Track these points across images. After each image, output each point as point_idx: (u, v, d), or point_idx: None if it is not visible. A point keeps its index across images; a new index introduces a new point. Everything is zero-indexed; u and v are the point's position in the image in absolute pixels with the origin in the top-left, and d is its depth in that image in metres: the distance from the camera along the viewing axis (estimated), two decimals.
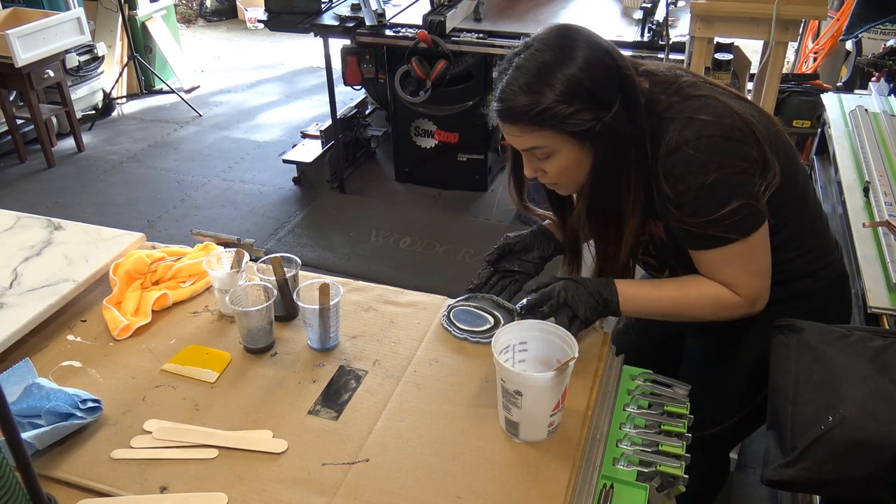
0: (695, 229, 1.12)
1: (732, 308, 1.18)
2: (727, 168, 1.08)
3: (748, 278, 1.16)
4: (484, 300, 1.34)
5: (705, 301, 1.19)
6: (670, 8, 3.15)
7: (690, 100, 1.12)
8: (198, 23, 7.09)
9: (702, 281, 1.19)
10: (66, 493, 1.00)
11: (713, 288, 1.18)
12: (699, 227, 1.11)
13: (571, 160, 1.12)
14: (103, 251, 1.46)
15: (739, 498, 2.13)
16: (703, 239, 1.13)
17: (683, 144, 1.08)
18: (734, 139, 1.09)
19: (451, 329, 1.28)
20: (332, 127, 3.85)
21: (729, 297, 1.17)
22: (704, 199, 1.09)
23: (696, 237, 1.13)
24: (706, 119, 1.09)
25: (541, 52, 1.07)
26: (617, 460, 1.05)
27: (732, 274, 1.16)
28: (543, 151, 1.12)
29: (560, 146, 1.10)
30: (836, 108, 2.40)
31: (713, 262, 1.16)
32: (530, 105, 1.06)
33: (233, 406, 1.14)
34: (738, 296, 1.17)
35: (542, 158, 1.14)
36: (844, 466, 1.09)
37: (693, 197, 1.09)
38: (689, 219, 1.11)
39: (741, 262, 1.15)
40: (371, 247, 3.41)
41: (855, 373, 1.14)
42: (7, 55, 3.73)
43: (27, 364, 1.21)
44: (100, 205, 3.87)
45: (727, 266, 1.15)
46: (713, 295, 1.18)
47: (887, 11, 2.67)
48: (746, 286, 1.16)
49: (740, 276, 1.16)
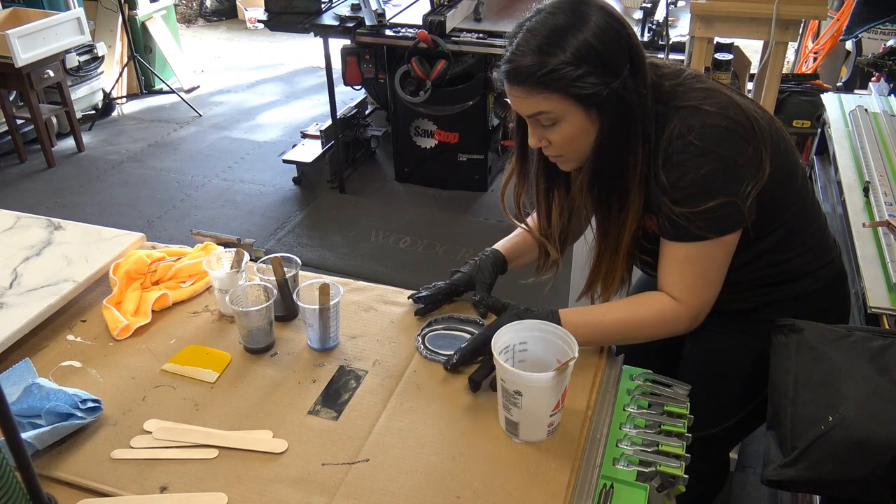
0: (678, 219, 1.11)
1: (675, 322, 1.17)
2: (724, 161, 1.08)
3: (703, 286, 1.16)
4: (449, 320, 1.32)
5: (651, 319, 1.18)
6: (670, 8, 3.16)
7: (695, 91, 1.12)
8: (198, 23, 7.09)
9: (644, 298, 1.20)
10: (66, 493, 1.00)
11: (656, 303, 1.18)
12: (682, 218, 1.11)
13: (577, 128, 1.10)
14: (103, 251, 1.46)
15: (739, 498, 2.13)
16: (680, 230, 1.12)
17: (686, 132, 1.08)
18: (737, 133, 1.09)
19: (437, 358, 1.22)
20: (332, 127, 3.85)
21: (672, 311, 1.17)
22: (695, 189, 1.09)
23: (676, 227, 1.13)
24: (711, 110, 1.09)
25: (553, 16, 1.06)
26: (617, 460, 1.05)
27: (690, 276, 1.15)
28: (549, 118, 1.10)
29: (566, 112, 1.09)
30: (836, 108, 2.40)
31: (678, 258, 1.15)
32: (538, 65, 1.05)
33: (233, 406, 1.14)
34: (681, 307, 1.16)
35: (548, 126, 1.11)
36: (844, 466, 1.09)
37: (685, 186, 1.09)
38: (675, 208, 1.11)
39: (704, 265, 1.15)
40: (371, 247, 3.41)
41: (855, 373, 1.14)
42: (7, 55, 3.73)
43: (27, 364, 1.21)
44: (100, 205, 3.87)
45: (690, 265, 1.15)
46: (657, 311, 1.17)
47: (887, 11, 2.67)
48: (697, 295, 1.16)
49: (696, 281, 1.15)
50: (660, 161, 1.11)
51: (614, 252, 1.20)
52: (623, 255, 1.21)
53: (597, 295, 1.29)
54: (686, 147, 1.08)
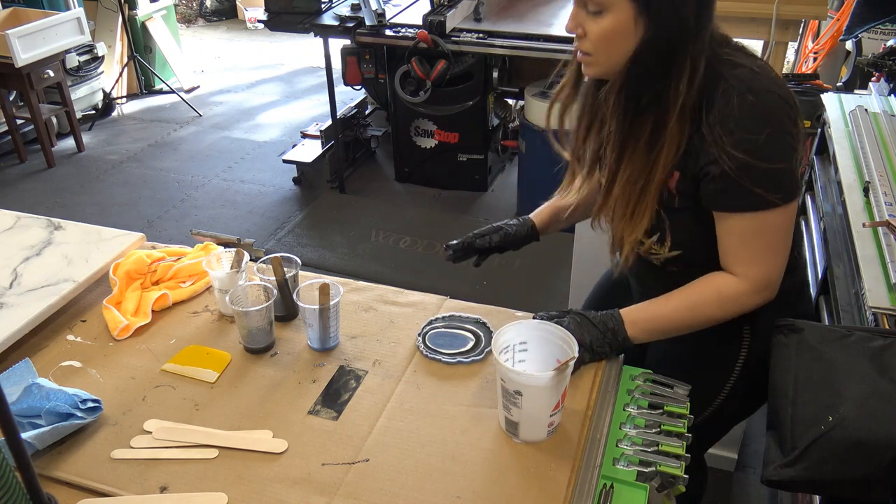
0: (742, 182, 1.05)
1: (737, 299, 1.14)
2: (782, 128, 1.05)
3: (767, 257, 1.11)
4: (450, 319, 1.32)
5: (710, 300, 1.15)
6: None
7: (750, 58, 1.09)
8: (198, 23, 7.09)
9: (702, 280, 1.18)
10: (66, 493, 1.00)
11: (713, 284, 1.15)
12: (747, 179, 1.05)
13: (620, 24, 1.04)
14: (103, 251, 1.46)
15: (739, 498, 2.13)
16: (744, 197, 1.06)
17: (747, 91, 1.04)
18: (790, 105, 1.06)
19: (438, 357, 1.23)
20: (332, 127, 3.85)
21: (732, 289, 1.13)
22: (759, 147, 1.04)
23: (738, 194, 1.06)
24: (768, 79, 1.06)
25: None
26: (617, 460, 1.05)
27: (753, 249, 1.10)
28: (596, 3, 1.04)
29: (616, 3, 1.03)
30: (836, 108, 2.40)
31: (738, 232, 1.10)
32: None
33: (233, 406, 1.14)
34: (742, 283, 1.13)
35: (592, 13, 1.06)
36: (844, 466, 1.09)
37: (747, 143, 1.04)
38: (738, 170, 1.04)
39: (770, 236, 1.10)
40: (371, 247, 3.41)
41: (855, 373, 1.14)
42: (7, 55, 3.73)
43: (27, 364, 1.21)
44: (100, 205, 3.87)
45: (756, 238, 1.09)
46: (714, 291, 1.15)
47: (887, 11, 2.67)
48: (761, 266, 1.11)
49: (759, 254, 1.10)
50: (714, 115, 1.06)
51: (642, 193, 1.12)
52: (651, 199, 1.12)
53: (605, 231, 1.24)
54: (747, 105, 1.03)
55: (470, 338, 1.27)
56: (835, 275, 1.78)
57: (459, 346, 1.25)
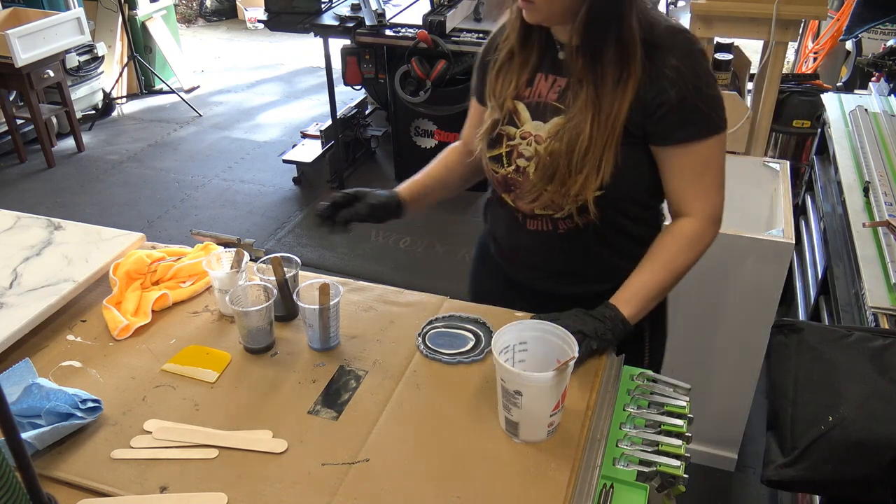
0: (702, 106, 1.12)
1: (702, 236, 1.20)
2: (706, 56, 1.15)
3: (717, 190, 1.19)
4: (450, 318, 1.32)
5: (680, 248, 1.20)
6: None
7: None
8: (198, 23, 7.09)
9: (662, 239, 1.22)
10: (66, 493, 1.00)
11: (675, 233, 1.20)
12: (702, 102, 1.12)
13: None
14: (103, 251, 1.46)
15: (739, 498, 2.13)
16: (699, 122, 1.13)
17: (674, 25, 1.13)
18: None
19: (438, 357, 1.23)
20: (332, 127, 3.85)
21: (692, 230, 1.19)
22: (706, 73, 1.13)
23: (693, 119, 1.13)
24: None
25: None
26: (617, 460, 1.05)
27: (708, 182, 1.18)
28: None
29: None
30: (836, 108, 2.40)
31: (692, 167, 1.16)
32: None
33: (233, 406, 1.14)
34: (700, 221, 1.19)
35: None
36: (844, 466, 1.10)
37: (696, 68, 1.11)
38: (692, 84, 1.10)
39: (716, 167, 1.17)
40: (371, 247, 3.41)
41: (855, 373, 1.14)
42: (7, 55, 3.73)
43: (27, 364, 1.21)
44: (100, 205, 3.87)
45: (706, 171, 1.17)
46: (680, 238, 1.20)
47: (887, 11, 2.67)
48: (713, 200, 1.19)
49: (710, 187, 1.18)
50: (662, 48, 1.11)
51: (611, 133, 1.14)
52: (618, 138, 1.14)
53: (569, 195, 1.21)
54: (683, 38, 1.12)
55: (470, 338, 1.27)
56: (835, 275, 1.78)
57: (459, 346, 1.25)
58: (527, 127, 1.22)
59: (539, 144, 1.20)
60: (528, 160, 1.22)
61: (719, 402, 2.07)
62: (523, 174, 1.24)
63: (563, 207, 1.22)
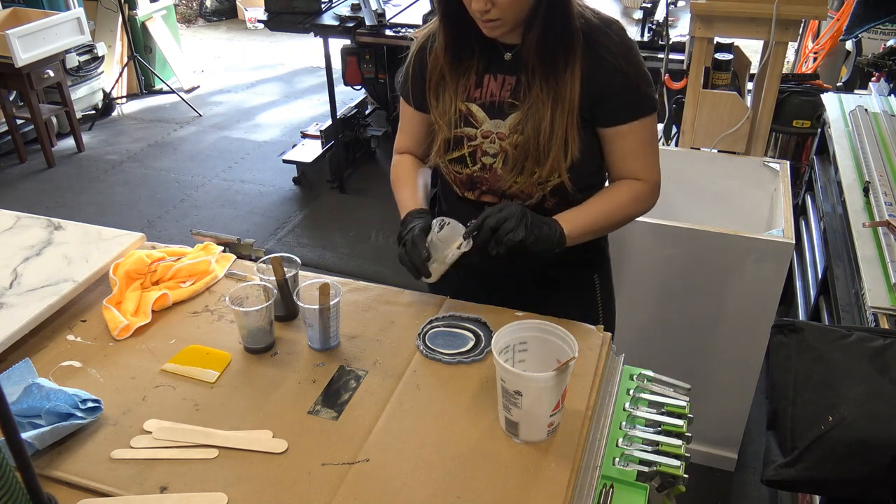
0: (642, 88, 1.22)
1: (646, 199, 1.30)
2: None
3: (657, 161, 1.30)
4: (450, 318, 1.32)
5: (626, 200, 1.29)
6: (670, 8, 3.16)
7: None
8: (198, 23, 7.09)
9: (613, 188, 1.31)
10: (66, 493, 1.00)
11: (625, 188, 1.29)
12: (644, 83, 1.22)
13: None
14: (103, 251, 1.46)
15: (739, 498, 2.13)
16: (643, 101, 1.23)
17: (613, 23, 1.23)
18: None
19: (438, 357, 1.23)
20: (332, 127, 3.85)
21: (644, 191, 1.29)
22: (639, 57, 1.23)
23: (637, 100, 1.23)
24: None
25: None
26: (617, 460, 1.05)
27: (649, 154, 1.28)
28: None
29: None
30: (836, 108, 2.40)
31: (640, 140, 1.26)
32: None
33: (233, 406, 1.14)
34: (647, 185, 1.29)
35: None
36: (844, 466, 1.10)
37: (632, 54, 1.22)
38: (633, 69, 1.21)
39: (655, 140, 1.28)
40: (371, 247, 3.41)
41: (855, 373, 1.14)
42: (7, 55, 3.73)
43: (27, 364, 1.21)
44: (100, 205, 3.87)
45: (649, 144, 1.27)
46: (628, 192, 1.28)
47: (887, 11, 2.67)
48: (656, 171, 1.30)
49: (652, 157, 1.29)
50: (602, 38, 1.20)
51: (570, 112, 1.22)
52: (577, 118, 1.23)
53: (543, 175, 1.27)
54: (616, 28, 1.22)
55: (470, 338, 1.27)
56: (835, 275, 1.78)
57: (459, 346, 1.25)
58: (486, 126, 1.29)
59: (503, 140, 1.27)
60: (493, 157, 1.29)
61: (719, 402, 2.07)
62: (490, 171, 1.30)
63: (532, 195, 1.29)
